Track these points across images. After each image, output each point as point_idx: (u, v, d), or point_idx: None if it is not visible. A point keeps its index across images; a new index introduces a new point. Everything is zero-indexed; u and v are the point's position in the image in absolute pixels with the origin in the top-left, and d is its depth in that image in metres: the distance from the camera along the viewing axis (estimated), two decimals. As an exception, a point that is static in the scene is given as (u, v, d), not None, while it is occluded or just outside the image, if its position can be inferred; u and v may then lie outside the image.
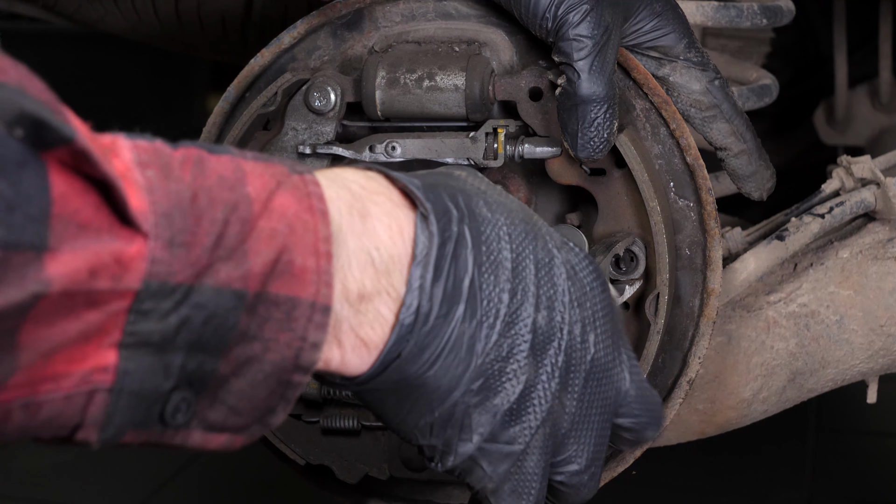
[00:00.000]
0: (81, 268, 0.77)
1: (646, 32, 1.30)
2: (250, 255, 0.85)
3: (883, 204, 1.51)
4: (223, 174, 0.86)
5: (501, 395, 0.99)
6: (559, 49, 1.24)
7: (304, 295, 0.88)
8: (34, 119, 0.76)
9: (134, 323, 0.81)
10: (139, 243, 0.80)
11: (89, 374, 0.81)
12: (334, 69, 1.35)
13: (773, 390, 1.51)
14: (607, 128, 1.25)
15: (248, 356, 0.87)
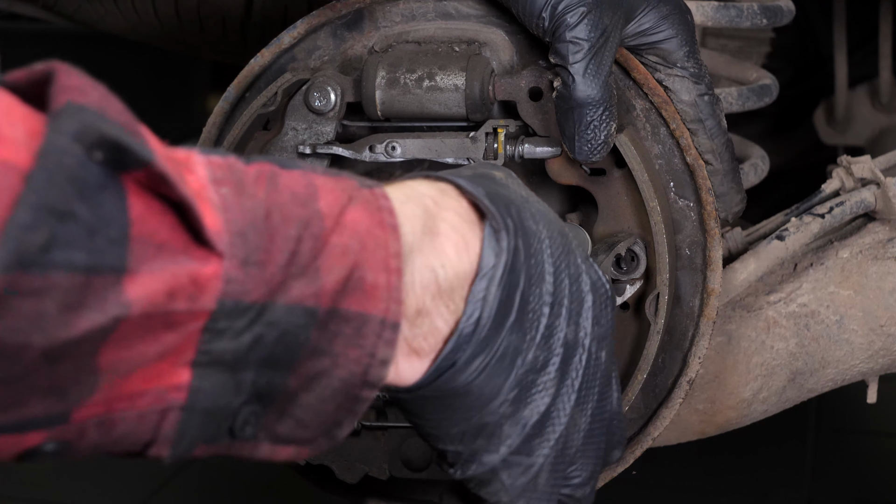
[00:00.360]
0: (160, 290, 0.78)
1: (648, 34, 1.30)
2: (322, 272, 0.85)
3: (883, 204, 1.51)
4: (295, 190, 0.86)
5: (531, 408, 1.00)
6: (555, 50, 1.24)
7: (374, 311, 0.88)
8: (114, 143, 0.76)
9: (208, 342, 0.81)
10: (214, 263, 0.80)
11: (163, 393, 0.81)
12: (334, 69, 1.35)
13: (773, 390, 1.51)
14: (604, 130, 1.24)
15: (317, 371, 0.88)
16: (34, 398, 0.76)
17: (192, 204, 0.79)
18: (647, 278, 1.32)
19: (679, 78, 1.32)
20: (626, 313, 1.33)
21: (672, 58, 1.31)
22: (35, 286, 0.73)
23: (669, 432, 1.51)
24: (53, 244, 0.73)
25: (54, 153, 0.74)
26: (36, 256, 0.72)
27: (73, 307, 0.74)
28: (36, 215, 0.72)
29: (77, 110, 0.76)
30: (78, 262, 0.74)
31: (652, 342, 1.30)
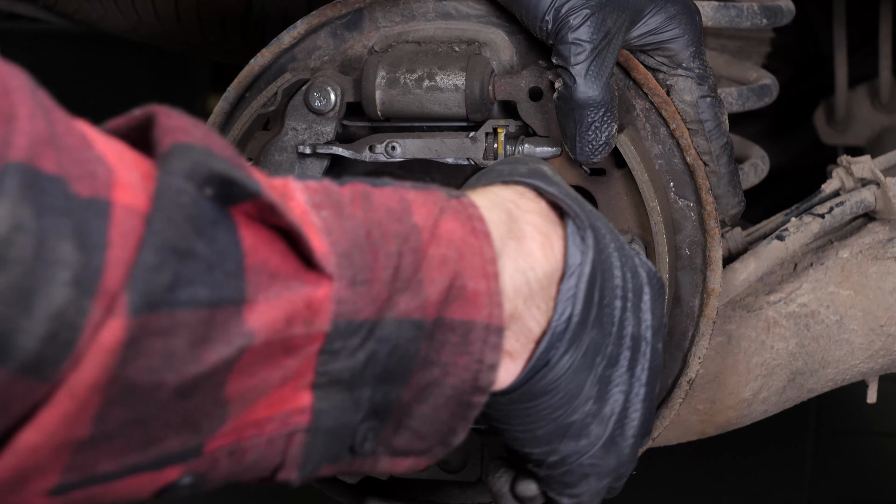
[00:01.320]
0: (279, 317, 0.79)
1: (654, 33, 1.29)
2: (425, 284, 0.87)
3: (883, 204, 1.51)
4: (390, 206, 0.88)
5: (610, 404, 1.01)
6: (557, 51, 1.24)
7: (478, 318, 0.90)
8: (223, 178, 0.78)
9: (325, 363, 0.83)
10: (325, 286, 0.82)
11: (288, 417, 0.83)
12: (334, 69, 1.35)
13: (773, 390, 1.51)
14: (605, 131, 1.24)
15: (428, 382, 0.89)
16: (169, 434, 0.77)
17: (299, 230, 0.81)
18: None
19: (683, 78, 1.31)
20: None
21: (678, 58, 1.31)
22: (164, 326, 0.74)
23: (669, 432, 1.51)
24: (178, 283, 0.75)
25: (170, 194, 0.75)
26: (163, 296, 0.74)
27: (200, 342, 0.76)
28: (160, 256, 0.74)
29: (185, 150, 0.78)
30: (201, 298, 0.76)
31: (652, 342, 1.30)
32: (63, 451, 0.74)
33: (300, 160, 1.35)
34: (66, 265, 0.70)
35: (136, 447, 0.77)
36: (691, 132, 1.33)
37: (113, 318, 0.72)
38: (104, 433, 0.75)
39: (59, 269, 0.70)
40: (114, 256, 0.73)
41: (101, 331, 0.72)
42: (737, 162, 1.39)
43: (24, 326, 0.69)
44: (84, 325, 0.71)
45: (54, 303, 0.70)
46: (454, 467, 1.38)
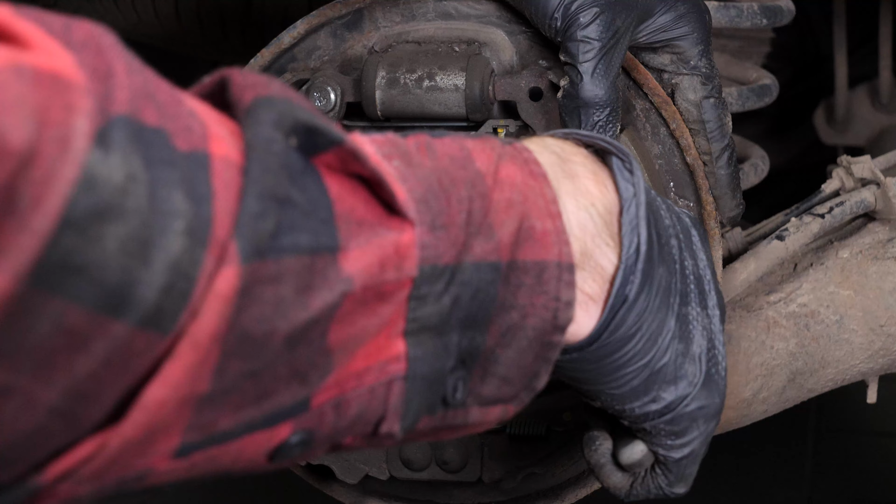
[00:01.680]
0: (373, 262, 0.81)
1: (663, 31, 1.29)
2: (496, 227, 0.88)
3: (883, 204, 1.51)
4: (453, 154, 0.89)
5: (697, 342, 1.03)
6: (565, 49, 1.24)
7: (550, 257, 0.91)
8: (308, 126, 0.79)
9: (415, 310, 0.84)
10: (409, 231, 0.83)
11: (385, 365, 0.84)
12: (334, 69, 1.35)
13: (773, 390, 1.51)
14: (609, 131, 1.25)
15: (509, 325, 0.90)
16: (280, 387, 0.78)
17: (382, 177, 0.82)
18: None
19: (688, 76, 1.32)
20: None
21: (685, 56, 1.31)
22: (272, 273, 0.75)
23: (669, 432, 1.51)
24: (281, 230, 0.76)
25: (262, 144, 0.77)
26: (269, 243, 0.75)
27: (306, 289, 0.77)
28: (262, 204, 0.75)
29: (269, 102, 0.79)
30: (303, 245, 0.77)
31: (652, 342, 1.30)
32: (186, 407, 0.74)
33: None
34: (179, 215, 0.71)
35: (251, 401, 0.77)
36: (693, 132, 1.33)
37: (226, 266, 0.73)
38: (223, 388, 0.75)
39: (172, 219, 0.71)
40: (220, 207, 0.73)
41: (215, 280, 0.72)
42: (738, 164, 1.39)
43: (143, 277, 0.69)
44: (199, 275, 0.72)
45: (171, 253, 0.70)
46: (454, 467, 1.38)
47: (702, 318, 1.03)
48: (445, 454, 1.38)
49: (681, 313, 1.01)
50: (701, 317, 1.03)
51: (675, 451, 1.06)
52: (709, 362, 1.03)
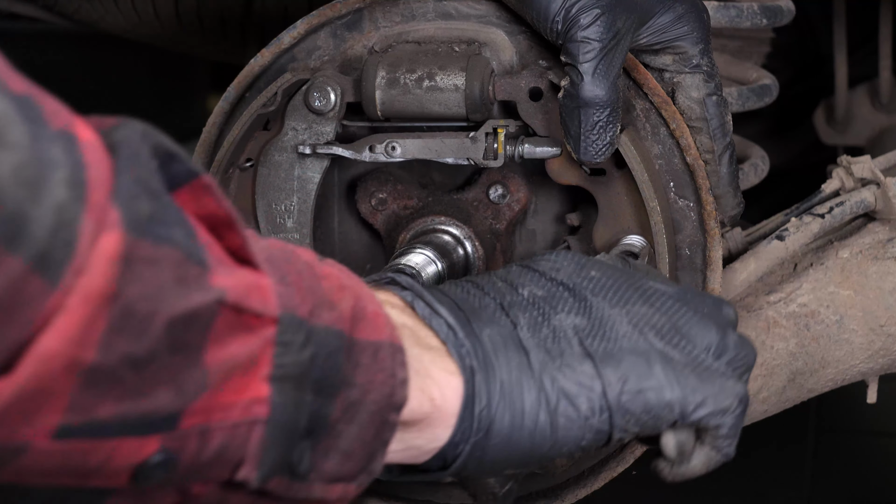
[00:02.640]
0: (240, 285, 0.81)
1: (663, 31, 1.29)
2: (336, 302, 0.90)
3: (883, 204, 1.51)
4: (281, 246, 0.90)
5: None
6: (566, 49, 1.24)
7: (383, 337, 0.92)
8: (169, 152, 0.80)
9: (281, 356, 0.84)
10: (263, 276, 0.84)
11: (251, 405, 0.84)
12: (334, 69, 1.35)
13: (773, 390, 1.51)
14: (610, 131, 1.24)
15: (351, 401, 0.91)
16: (159, 389, 0.79)
17: (234, 218, 0.83)
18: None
19: (690, 75, 1.32)
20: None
21: (686, 55, 1.31)
22: (151, 255, 0.76)
23: (669, 432, 1.51)
24: (155, 218, 0.77)
25: (129, 146, 0.77)
26: (147, 226, 0.76)
27: (183, 281, 0.78)
28: (137, 187, 0.76)
29: (131, 123, 0.80)
30: (178, 240, 0.78)
31: (652, 342, 1.30)
32: (71, 376, 0.75)
33: (300, 160, 1.35)
34: (60, 165, 0.72)
35: (131, 394, 0.78)
36: (695, 130, 1.33)
37: (108, 231, 0.74)
38: (107, 365, 0.76)
39: (54, 168, 0.71)
40: (94, 175, 0.74)
41: (98, 241, 0.73)
42: (738, 163, 1.39)
43: (33, 213, 0.70)
44: (80, 229, 0.72)
45: (55, 197, 0.71)
46: (454, 467, 1.38)
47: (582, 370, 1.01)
48: (445, 454, 1.38)
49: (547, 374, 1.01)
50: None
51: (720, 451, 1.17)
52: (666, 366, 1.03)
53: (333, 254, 1.43)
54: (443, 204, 1.38)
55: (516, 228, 1.40)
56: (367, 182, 1.40)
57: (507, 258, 1.38)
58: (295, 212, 1.36)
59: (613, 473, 1.38)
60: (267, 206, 1.36)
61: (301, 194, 1.36)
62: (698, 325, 1.06)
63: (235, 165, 1.37)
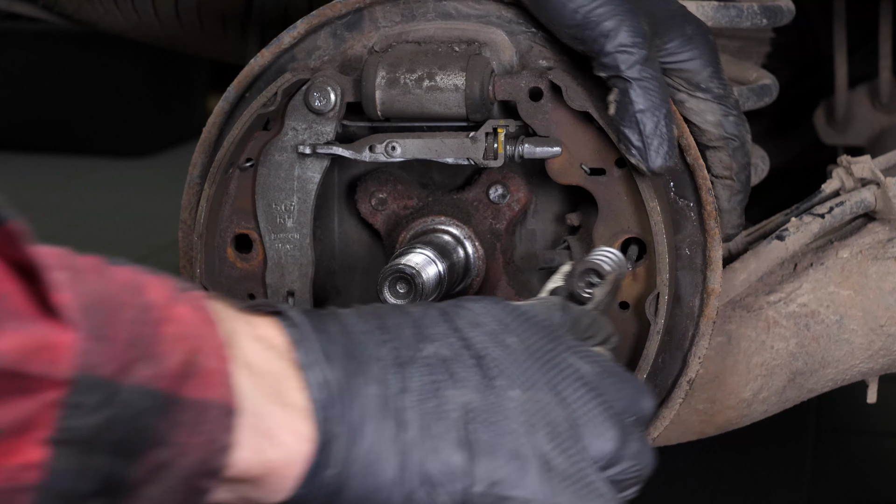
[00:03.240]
0: (13, 348, 0.76)
1: (672, 54, 1.28)
2: (163, 357, 0.84)
3: (883, 204, 1.51)
4: (125, 281, 0.85)
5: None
6: (603, 64, 1.23)
7: (214, 397, 0.87)
8: None
9: (64, 418, 0.79)
10: (67, 333, 0.79)
11: (18, 472, 0.79)
12: (334, 69, 1.35)
13: (773, 390, 1.51)
14: (670, 131, 1.23)
15: (161, 461, 0.85)
16: None
17: (40, 268, 0.79)
18: (646, 278, 1.33)
19: (702, 100, 1.30)
20: (627, 313, 1.33)
21: (695, 79, 1.30)
22: None
23: (669, 432, 1.51)
24: None
25: None
26: None
27: None
28: None
29: None
30: None
31: (652, 342, 1.30)
32: None
33: (300, 160, 1.35)
34: None
35: None
36: (716, 149, 1.32)
37: None
38: None
39: None
40: None
41: None
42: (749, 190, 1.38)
43: None
44: None
45: None
46: (454, 467, 1.38)
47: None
48: (445, 454, 1.38)
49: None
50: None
51: None
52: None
53: (333, 254, 1.43)
54: (443, 204, 1.38)
55: (516, 228, 1.40)
56: (367, 182, 1.40)
57: (508, 258, 1.38)
58: (295, 212, 1.36)
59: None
60: (267, 206, 1.36)
61: (301, 194, 1.36)
62: (600, 426, 0.99)
63: (235, 165, 1.37)
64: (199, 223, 1.35)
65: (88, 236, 4.37)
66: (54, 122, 5.46)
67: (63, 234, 4.36)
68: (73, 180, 5.19)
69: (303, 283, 1.37)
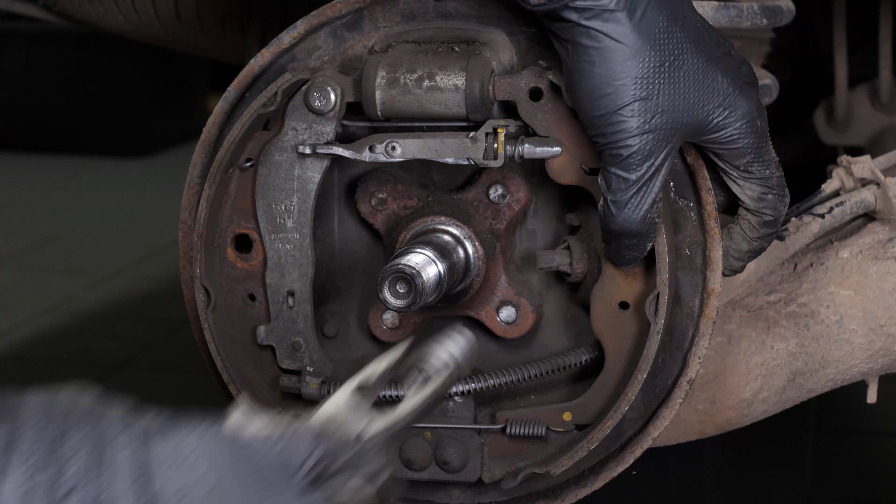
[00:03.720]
0: None
1: (716, 142, 1.27)
2: None
3: (883, 204, 1.51)
4: None
5: None
6: (603, 176, 1.25)
7: None
8: None
9: None
10: None
11: None
12: (334, 69, 1.35)
13: (773, 390, 1.51)
14: (640, 251, 1.28)
15: None
16: None
17: None
18: (646, 278, 1.33)
19: (744, 179, 1.30)
20: (627, 313, 1.33)
21: (736, 161, 1.29)
22: None
23: (669, 432, 1.51)
24: None
25: None
26: None
27: None
28: None
29: None
30: None
31: (652, 342, 1.30)
32: None
33: (300, 160, 1.35)
34: None
35: None
36: (753, 213, 1.32)
37: None
38: None
39: None
40: None
41: None
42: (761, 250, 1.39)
43: None
44: None
45: None
46: (454, 467, 1.38)
47: None
48: (445, 454, 1.38)
49: None
50: None
51: None
52: None
53: (333, 254, 1.43)
54: (443, 204, 1.38)
55: (516, 228, 1.40)
56: (367, 182, 1.40)
57: (508, 258, 1.38)
58: (295, 212, 1.36)
59: (613, 473, 1.38)
60: (267, 206, 1.36)
61: (301, 194, 1.36)
62: None
63: (235, 165, 1.37)
64: (199, 223, 1.35)
65: (88, 236, 4.36)
66: (54, 122, 5.46)
67: (63, 234, 4.36)
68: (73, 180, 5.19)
69: (303, 283, 1.37)
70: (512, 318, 1.38)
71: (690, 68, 1.21)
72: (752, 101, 1.26)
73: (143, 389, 2.92)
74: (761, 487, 2.48)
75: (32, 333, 3.35)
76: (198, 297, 1.36)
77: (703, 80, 1.22)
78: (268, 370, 1.40)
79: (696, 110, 1.23)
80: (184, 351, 3.14)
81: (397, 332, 1.40)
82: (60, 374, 3.04)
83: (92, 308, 3.56)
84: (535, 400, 1.40)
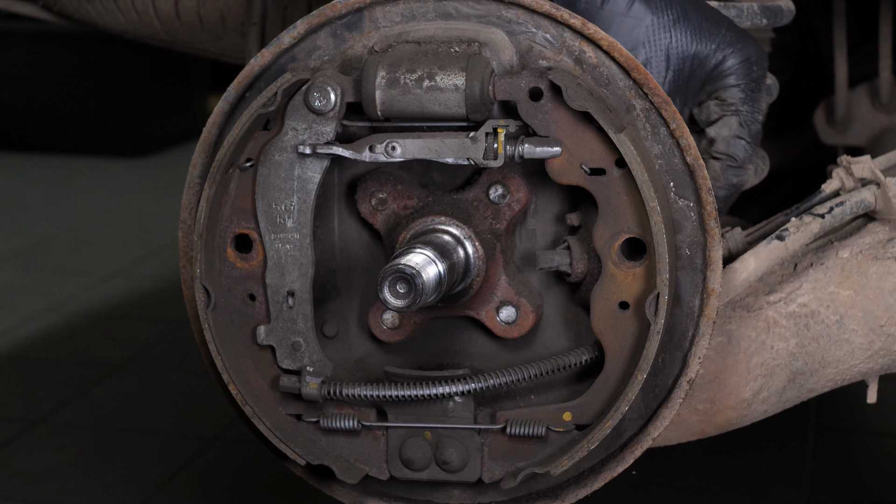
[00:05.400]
0: None
1: (710, 83, 1.38)
2: None
3: (883, 204, 1.51)
4: None
5: None
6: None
7: None
8: None
9: None
10: None
11: None
12: (334, 69, 1.35)
13: (773, 390, 1.51)
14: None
15: None
16: None
17: None
18: (647, 278, 1.33)
19: (729, 116, 1.37)
20: (627, 313, 1.33)
21: (727, 102, 1.38)
22: None
23: (669, 432, 1.51)
24: None
25: None
26: None
27: None
28: None
29: None
30: None
31: (652, 342, 1.30)
32: None
33: (300, 160, 1.35)
34: None
35: None
36: (716, 158, 1.38)
37: None
38: None
39: None
40: None
41: None
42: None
43: None
44: None
45: None
46: (454, 467, 1.38)
47: None
48: (445, 454, 1.38)
49: None
50: None
51: None
52: None
53: (333, 254, 1.43)
54: (443, 204, 1.38)
55: (516, 228, 1.40)
56: (367, 182, 1.40)
57: (508, 258, 1.38)
58: (295, 212, 1.36)
59: (613, 473, 1.38)
60: (267, 206, 1.36)
61: (301, 194, 1.36)
62: None
63: (235, 165, 1.37)
64: (199, 223, 1.35)
65: (88, 236, 4.37)
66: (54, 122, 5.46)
67: (63, 234, 4.37)
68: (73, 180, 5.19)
69: (303, 283, 1.37)
70: (512, 318, 1.38)
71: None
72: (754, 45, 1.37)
73: (143, 389, 2.93)
74: (761, 487, 2.48)
75: (32, 333, 3.35)
76: (198, 297, 1.36)
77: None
78: (268, 370, 1.40)
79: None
80: (184, 351, 3.14)
81: (397, 332, 1.40)
82: (60, 374, 3.05)
83: (92, 308, 3.56)
84: (535, 400, 1.40)
